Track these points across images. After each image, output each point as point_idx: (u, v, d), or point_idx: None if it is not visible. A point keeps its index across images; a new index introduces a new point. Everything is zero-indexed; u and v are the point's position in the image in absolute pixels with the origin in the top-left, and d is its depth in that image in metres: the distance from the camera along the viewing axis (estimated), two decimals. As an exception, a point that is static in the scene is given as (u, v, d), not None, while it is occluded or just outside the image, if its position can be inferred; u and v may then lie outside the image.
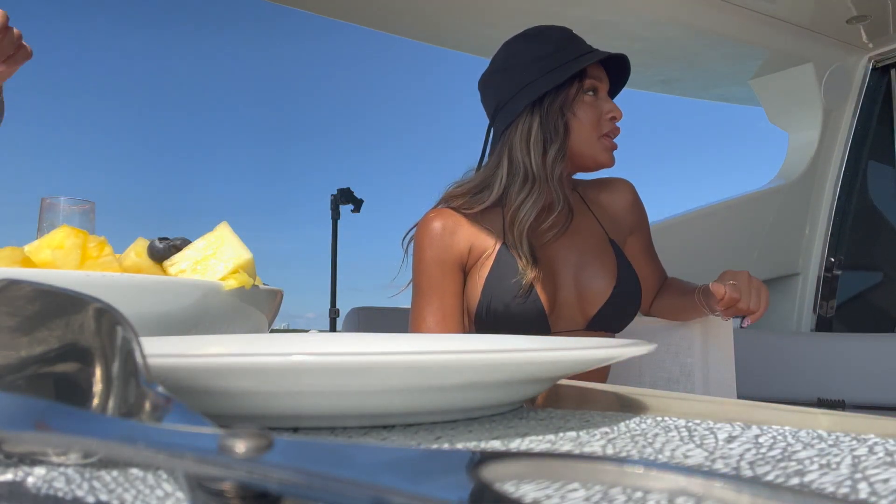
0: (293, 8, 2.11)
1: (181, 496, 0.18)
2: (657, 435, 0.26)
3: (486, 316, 1.03)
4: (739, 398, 0.61)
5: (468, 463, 0.14)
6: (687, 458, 0.22)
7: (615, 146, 1.10)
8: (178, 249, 0.50)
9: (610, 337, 1.03)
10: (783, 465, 0.21)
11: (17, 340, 0.21)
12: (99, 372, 0.21)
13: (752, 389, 1.05)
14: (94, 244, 0.49)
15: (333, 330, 3.34)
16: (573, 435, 0.26)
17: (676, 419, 0.29)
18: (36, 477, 0.19)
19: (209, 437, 0.15)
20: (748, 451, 0.23)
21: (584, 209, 1.14)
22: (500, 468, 0.14)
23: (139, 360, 0.20)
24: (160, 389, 0.19)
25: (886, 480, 0.18)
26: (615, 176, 1.21)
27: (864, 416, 0.30)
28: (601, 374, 1.12)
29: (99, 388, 0.20)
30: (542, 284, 1.03)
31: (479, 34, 2.22)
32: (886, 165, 2.67)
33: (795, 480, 0.19)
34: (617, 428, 0.27)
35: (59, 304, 0.22)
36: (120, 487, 0.18)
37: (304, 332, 1.28)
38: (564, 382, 0.48)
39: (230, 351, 0.30)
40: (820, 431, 0.26)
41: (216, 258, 0.49)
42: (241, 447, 0.14)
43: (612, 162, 1.10)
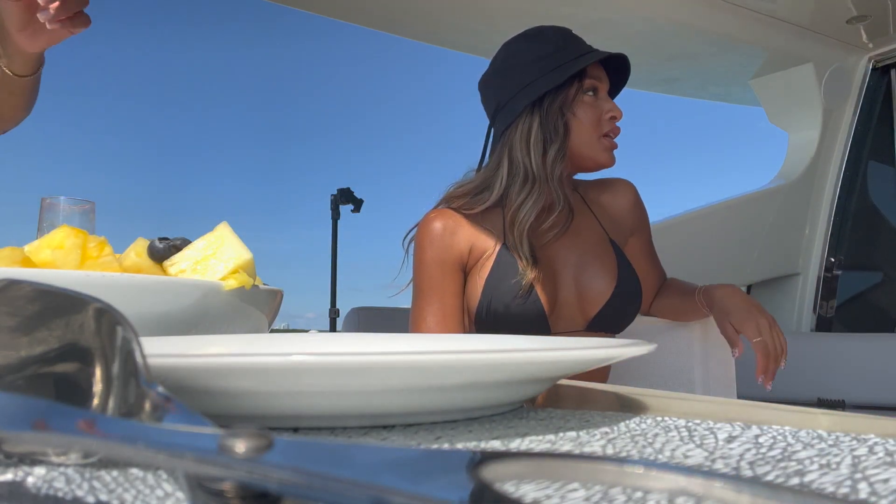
0: (293, 8, 2.11)
1: (181, 496, 0.18)
2: (657, 435, 0.26)
3: (486, 316, 1.03)
4: (739, 398, 0.61)
5: (468, 463, 0.14)
6: (687, 458, 0.22)
7: (615, 146, 1.09)
8: (178, 249, 0.50)
9: (610, 337, 1.03)
10: (783, 465, 0.21)
11: (17, 340, 0.21)
12: (99, 372, 0.21)
13: (752, 389, 1.05)
14: (94, 244, 0.49)
15: (333, 330, 3.33)
16: (573, 435, 0.26)
17: (676, 419, 0.29)
18: (36, 477, 0.19)
19: (209, 437, 0.15)
20: (748, 451, 0.23)
21: (584, 209, 1.14)
22: (500, 468, 0.14)
23: (139, 360, 0.20)
24: (160, 389, 0.19)
25: (886, 480, 0.18)
26: (615, 176, 1.20)
27: (864, 416, 0.30)
28: (601, 374, 1.12)
29: (99, 388, 0.20)
30: (542, 285, 1.03)
31: (479, 34, 2.22)
32: (886, 165, 2.67)
33: (795, 480, 0.19)
34: (617, 428, 0.27)
35: (59, 304, 0.22)
36: (120, 487, 0.18)
37: (304, 332, 1.28)
38: (564, 382, 0.48)
39: (230, 351, 0.30)
40: (820, 431, 0.26)
41: (216, 258, 0.49)
42: (241, 447, 0.14)
43: (612, 161, 1.10)
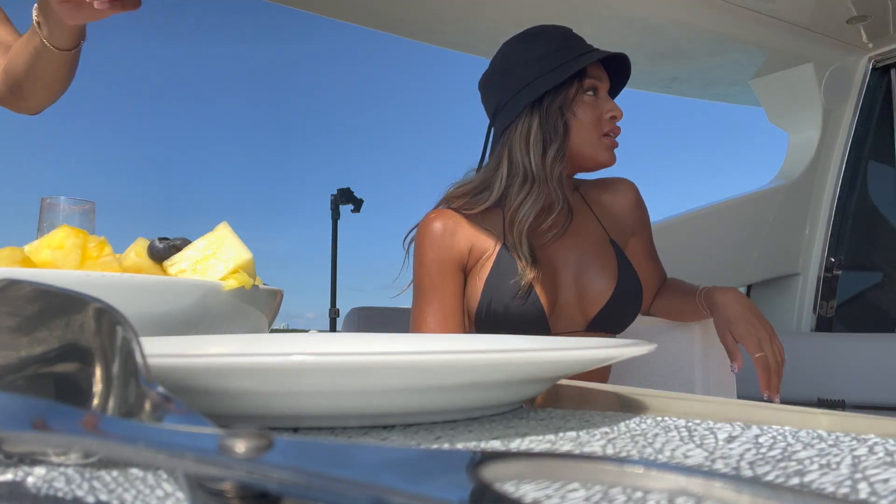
0: (293, 8, 2.11)
1: (181, 496, 0.18)
2: (657, 435, 0.26)
3: (486, 316, 1.03)
4: (739, 398, 0.61)
5: (468, 463, 0.14)
6: (687, 458, 0.22)
7: (616, 145, 1.09)
8: (178, 249, 0.50)
9: (610, 337, 1.03)
10: (783, 465, 0.21)
11: (17, 340, 0.21)
12: (99, 372, 0.21)
13: (752, 389, 1.05)
14: (94, 244, 0.49)
15: (333, 330, 3.34)
16: (573, 435, 0.26)
17: (676, 419, 0.29)
18: (36, 477, 0.19)
19: (209, 437, 0.15)
20: (748, 451, 0.23)
21: (584, 209, 1.14)
22: (500, 468, 0.14)
23: (139, 360, 0.20)
24: (160, 389, 0.19)
25: (886, 480, 0.18)
26: (615, 176, 1.20)
27: (864, 416, 0.30)
28: (601, 374, 1.12)
29: (99, 388, 0.20)
30: (541, 285, 1.02)
31: (479, 34, 2.22)
32: (886, 165, 2.67)
33: (795, 480, 0.19)
34: (617, 428, 0.27)
35: (59, 304, 0.22)
36: (120, 487, 0.18)
37: (304, 332, 1.28)
38: (564, 382, 0.48)
39: (230, 351, 0.30)
40: (820, 431, 0.26)
41: (216, 258, 0.49)
42: (241, 447, 0.14)
43: (612, 161, 1.09)
